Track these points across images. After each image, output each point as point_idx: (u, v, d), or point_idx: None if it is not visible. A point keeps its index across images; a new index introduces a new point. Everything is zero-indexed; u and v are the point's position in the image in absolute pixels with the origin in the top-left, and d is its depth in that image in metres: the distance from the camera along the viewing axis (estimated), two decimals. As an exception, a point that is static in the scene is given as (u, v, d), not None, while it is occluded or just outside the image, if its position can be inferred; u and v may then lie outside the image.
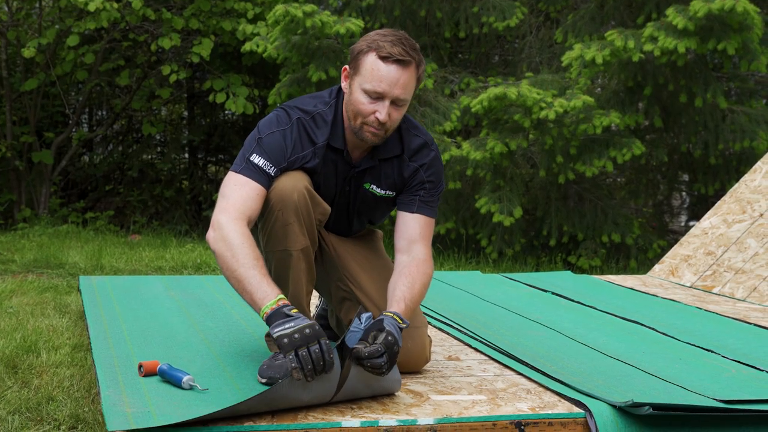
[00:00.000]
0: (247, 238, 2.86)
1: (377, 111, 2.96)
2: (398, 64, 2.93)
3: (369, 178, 3.19)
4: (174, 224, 9.89)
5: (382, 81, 2.93)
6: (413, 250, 3.17)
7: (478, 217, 7.82)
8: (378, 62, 2.93)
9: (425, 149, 3.21)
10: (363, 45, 2.98)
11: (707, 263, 5.46)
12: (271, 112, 3.13)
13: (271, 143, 3.02)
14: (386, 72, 2.92)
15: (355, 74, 3.00)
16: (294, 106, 3.12)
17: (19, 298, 5.20)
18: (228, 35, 9.31)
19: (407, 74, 2.95)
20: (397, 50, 2.92)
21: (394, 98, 2.96)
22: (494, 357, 3.50)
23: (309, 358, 2.61)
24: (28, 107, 9.70)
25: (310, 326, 2.65)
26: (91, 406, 3.27)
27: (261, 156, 3.00)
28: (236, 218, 2.90)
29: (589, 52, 7.07)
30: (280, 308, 2.72)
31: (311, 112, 3.10)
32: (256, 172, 2.99)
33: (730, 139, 7.52)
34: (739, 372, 3.39)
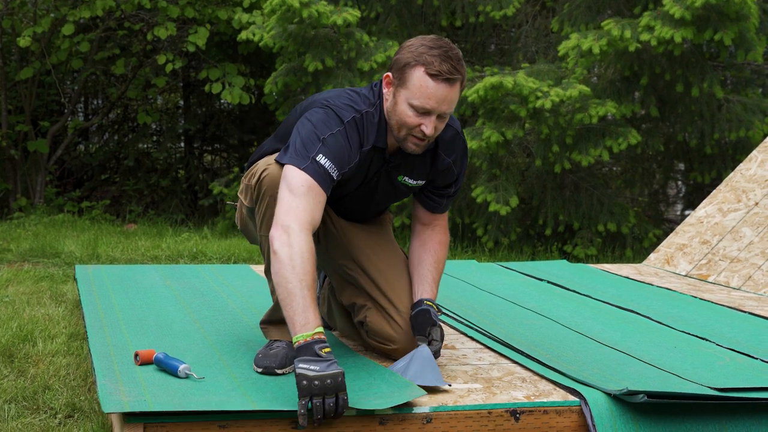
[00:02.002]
0: (311, 255, 2.77)
1: (423, 125, 2.92)
2: (447, 83, 2.88)
3: (402, 171, 3.16)
4: (170, 213, 9.89)
5: (431, 98, 2.89)
6: (435, 224, 3.32)
7: (474, 207, 7.83)
8: (427, 79, 2.87)
9: (457, 139, 3.19)
10: (409, 57, 2.91)
11: (702, 252, 5.47)
12: (315, 109, 3.00)
13: (336, 146, 2.92)
14: (434, 90, 2.88)
15: (400, 86, 2.93)
16: (345, 105, 3.02)
17: (15, 288, 5.20)
18: (224, 24, 9.29)
19: (455, 90, 2.92)
20: (446, 68, 2.87)
21: (440, 113, 2.93)
22: (490, 346, 3.51)
23: (321, 409, 2.56)
24: (24, 96, 9.69)
25: (333, 377, 2.58)
26: (87, 395, 3.27)
27: (327, 158, 2.89)
28: (307, 228, 2.81)
29: (586, 41, 7.07)
30: (313, 342, 2.65)
31: (360, 111, 3.01)
32: (322, 175, 2.88)
33: (726, 129, 7.52)
34: (733, 360, 3.40)
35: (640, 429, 2.75)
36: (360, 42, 7.79)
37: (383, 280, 3.26)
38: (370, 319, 3.24)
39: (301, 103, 3.20)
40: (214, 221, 9.17)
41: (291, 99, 8.42)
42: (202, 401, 2.68)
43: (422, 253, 3.29)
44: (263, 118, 10.61)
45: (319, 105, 3.03)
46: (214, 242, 7.46)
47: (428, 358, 3.00)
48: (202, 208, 10.04)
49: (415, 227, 3.36)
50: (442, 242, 3.33)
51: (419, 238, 3.32)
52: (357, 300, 3.31)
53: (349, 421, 2.64)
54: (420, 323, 3.14)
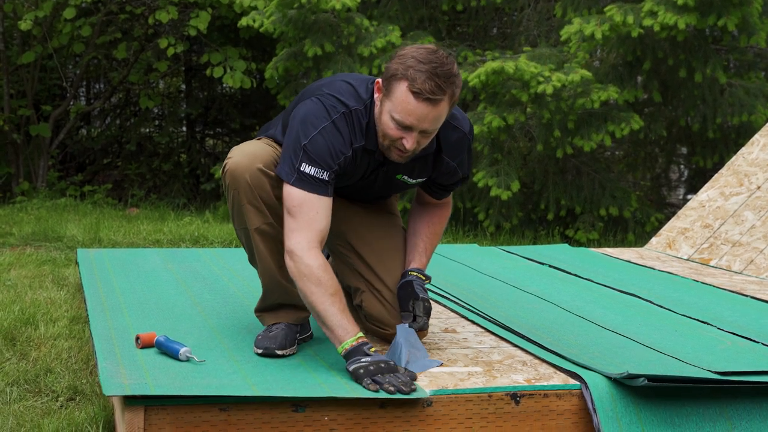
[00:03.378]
0: (323, 270, 2.84)
1: (405, 139, 2.87)
2: (429, 102, 2.79)
3: (402, 171, 3.12)
4: (172, 197, 9.89)
5: (410, 115, 2.82)
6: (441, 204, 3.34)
7: (476, 191, 7.82)
8: (409, 95, 2.79)
9: (464, 141, 3.13)
10: (398, 68, 2.83)
11: (704, 236, 5.47)
12: (307, 100, 2.99)
13: (317, 149, 2.89)
14: (415, 107, 2.80)
15: (386, 96, 2.87)
16: (333, 96, 2.97)
17: (17, 271, 5.21)
18: (225, 8, 9.26)
19: (437, 110, 2.83)
20: (429, 87, 2.77)
21: (422, 130, 2.86)
22: (490, 329, 3.51)
23: (385, 378, 2.71)
24: (26, 80, 9.67)
25: (385, 362, 2.75)
26: (88, 378, 3.28)
27: (311, 164, 2.88)
28: (309, 246, 2.85)
29: (588, 27, 7.04)
30: (360, 345, 2.79)
31: (349, 107, 2.96)
32: (312, 183, 2.89)
33: (728, 113, 7.51)
34: (734, 344, 3.40)
35: (640, 412, 2.75)
36: (360, 27, 7.76)
37: (377, 261, 3.23)
38: (366, 303, 3.24)
39: (305, 88, 3.17)
40: (216, 205, 9.17)
41: (292, 83, 8.41)
42: (203, 384, 2.68)
43: (419, 223, 3.29)
44: (265, 102, 10.59)
45: (311, 96, 3.00)
46: (216, 226, 7.46)
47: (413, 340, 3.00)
48: (203, 192, 10.04)
49: (420, 200, 3.35)
50: (442, 215, 3.33)
51: (420, 209, 3.33)
52: (352, 282, 3.30)
53: (350, 403, 2.64)
54: (402, 297, 3.14)
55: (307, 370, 2.90)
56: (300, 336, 3.20)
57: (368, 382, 2.70)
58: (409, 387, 2.67)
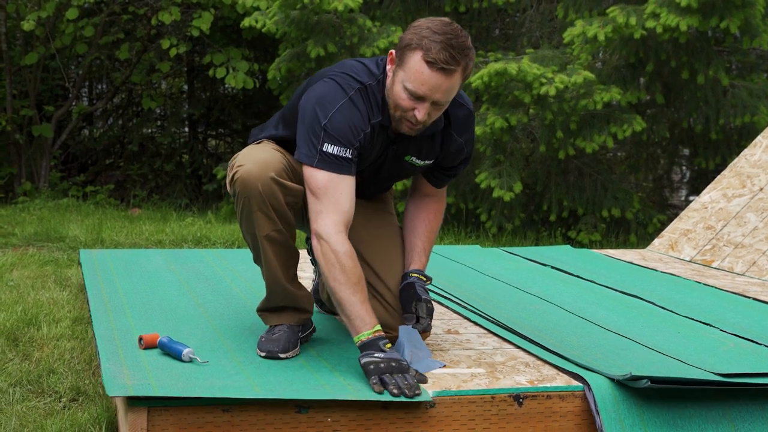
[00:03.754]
0: (348, 257, 2.84)
1: (416, 109, 2.86)
2: (443, 72, 2.79)
3: (411, 151, 3.11)
4: (174, 198, 9.90)
5: (424, 85, 2.81)
6: (435, 193, 3.31)
7: (478, 192, 7.82)
8: (423, 65, 2.79)
9: (470, 119, 3.15)
10: (412, 38, 2.83)
11: (707, 237, 5.47)
12: (317, 84, 2.97)
13: (338, 127, 2.88)
14: (428, 77, 2.80)
15: (399, 66, 2.87)
16: (346, 74, 2.97)
17: (19, 272, 5.21)
18: (228, 8, 9.27)
19: (451, 81, 2.83)
20: (443, 56, 2.77)
21: (434, 101, 2.86)
22: (493, 330, 3.51)
23: (395, 383, 2.69)
24: (28, 80, 9.68)
25: (396, 360, 2.74)
26: (91, 379, 3.29)
27: (333, 143, 2.87)
28: (337, 230, 2.86)
29: (591, 28, 7.04)
30: (375, 339, 2.79)
31: (364, 83, 2.95)
32: (335, 164, 2.88)
33: (731, 114, 7.51)
34: (737, 346, 3.40)
35: (643, 414, 2.75)
36: (363, 28, 7.77)
37: (378, 262, 3.21)
38: None
39: (308, 79, 3.14)
40: (218, 206, 9.17)
41: (294, 84, 8.41)
42: (205, 385, 2.68)
43: (416, 222, 3.27)
44: (267, 102, 10.60)
45: (321, 79, 2.99)
46: (218, 227, 7.46)
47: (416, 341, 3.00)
48: (206, 192, 10.05)
49: (414, 193, 3.33)
50: (438, 210, 3.31)
51: (416, 205, 3.31)
52: None
53: (353, 404, 2.64)
54: (405, 299, 3.13)
55: (310, 371, 2.90)
56: (302, 334, 3.20)
57: (375, 381, 2.70)
58: (412, 391, 2.66)
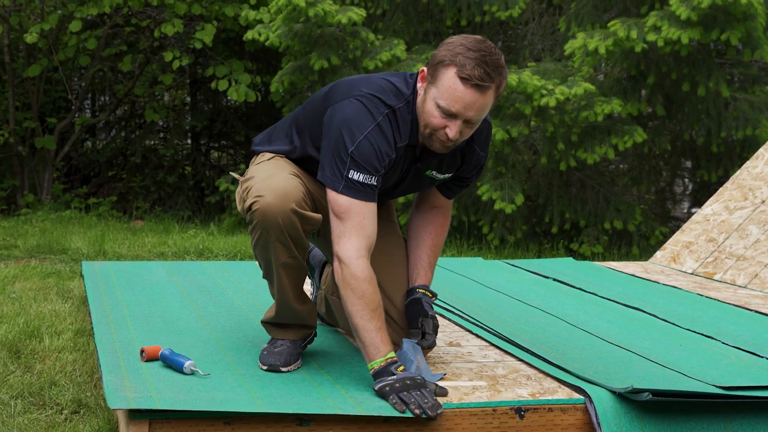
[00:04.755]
0: (368, 283, 2.85)
1: (448, 127, 2.83)
2: (477, 89, 2.76)
3: (432, 166, 3.08)
4: (176, 210, 9.90)
5: (457, 102, 2.78)
6: (442, 205, 3.29)
7: (480, 204, 7.82)
8: (457, 81, 2.76)
9: (490, 131, 3.15)
10: (446, 55, 2.80)
11: (709, 250, 5.47)
12: (344, 102, 2.92)
13: (364, 154, 2.85)
14: (463, 94, 2.77)
15: (431, 83, 2.84)
16: (374, 96, 2.91)
17: (22, 284, 5.22)
18: (230, 21, 9.29)
19: (485, 98, 2.80)
20: (478, 73, 2.74)
21: (467, 119, 2.83)
22: (495, 343, 3.52)
23: (411, 397, 2.69)
24: (31, 93, 9.70)
25: (411, 378, 2.74)
26: (93, 391, 3.28)
27: (359, 171, 2.85)
28: (358, 255, 2.86)
29: (592, 41, 7.05)
30: (387, 366, 2.79)
31: (392, 107, 2.91)
32: (360, 191, 2.87)
33: (732, 127, 7.52)
34: (739, 358, 3.40)
35: (645, 427, 2.75)
36: (366, 41, 7.79)
37: (382, 275, 3.16)
38: None
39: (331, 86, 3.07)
40: (221, 218, 9.18)
41: (297, 96, 8.42)
42: (207, 398, 2.69)
43: (422, 235, 3.25)
44: (270, 114, 10.61)
45: (348, 97, 2.93)
46: (221, 239, 7.47)
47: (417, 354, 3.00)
48: (208, 204, 10.05)
49: (421, 205, 3.30)
50: (444, 224, 3.30)
51: (422, 218, 3.28)
52: None
53: (355, 418, 2.64)
54: (411, 314, 3.13)
55: (312, 384, 2.91)
56: (303, 343, 3.22)
57: (395, 401, 2.69)
58: (435, 411, 2.65)
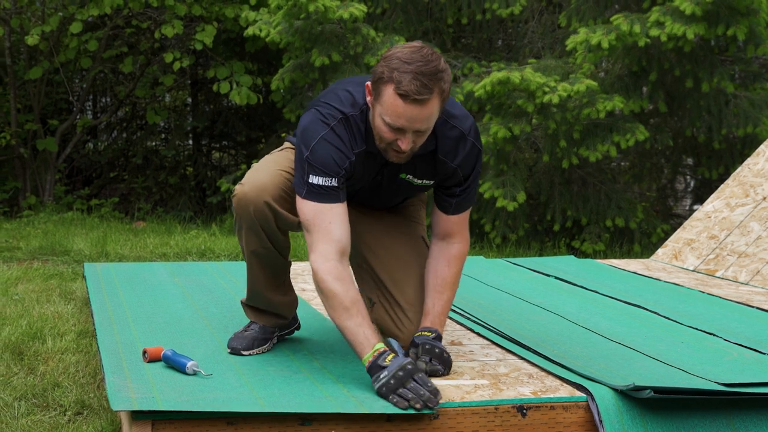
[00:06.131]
0: (337, 284, 2.87)
1: (399, 140, 2.86)
2: (417, 103, 2.78)
3: (404, 170, 3.09)
4: (178, 211, 9.91)
5: (400, 118, 2.81)
6: (449, 240, 3.22)
7: (482, 202, 7.83)
8: (396, 99, 2.78)
9: (462, 143, 3.06)
10: (384, 71, 2.81)
11: (710, 247, 5.47)
12: (307, 114, 3.00)
13: (320, 158, 2.91)
14: (404, 110, 2.79)
15: (376, 100, 2.87)
16: (329, 104, 2.98)
17: (24, 285, 5.22)
18: (231, 22, 9.30)
19: (428, 108, 2.81)
20: (414, 87, 2.75)
21: (416, 130, 2.85)
22: (497, 342, 3.52)
23: (413, 395, 2.69)
24: (32, 95, 9.72)
25: (402, 368, 2.74)
26: (96, 392, 3.29)
27: (317, 175, 2.91)
28: (325, 260, 2.89)
29: (595, 36, 7.04)
30: (376, 360, 2.80)
31: (345, 114, 2.96)
32: (322, 194, 2.92)
33: (733, 124, 7.51)
34: (741, 355, 3.40)
35: (647, 424, 2.75)
36: (367, 37, 7.79)
37: (388, 276, 3.23)
38: (377, 316, 3.23)
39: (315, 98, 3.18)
40: (223, 218, 9.19)
41: (298, 96, 8.43)
42: (210, 398, 2.69)
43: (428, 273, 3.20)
44: (271, 115, 10.62)
45: (310, 108, 3.03)
46: (222, 239, 7.47)
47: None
48: (210, 205, 10.06)
49: (433, 236, 3.26)
50: (449, 260, 3.20)
51: (432, 254, 3.23)
52: (366, 293, 3.29)
53: (357, 417, 2.65)
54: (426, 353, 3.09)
55: (314, 383, 2.91)
56: (279, 333, 3.39)
57: (395, 400, 2.69)
58: (434, 402, 2.67)
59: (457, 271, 3.22)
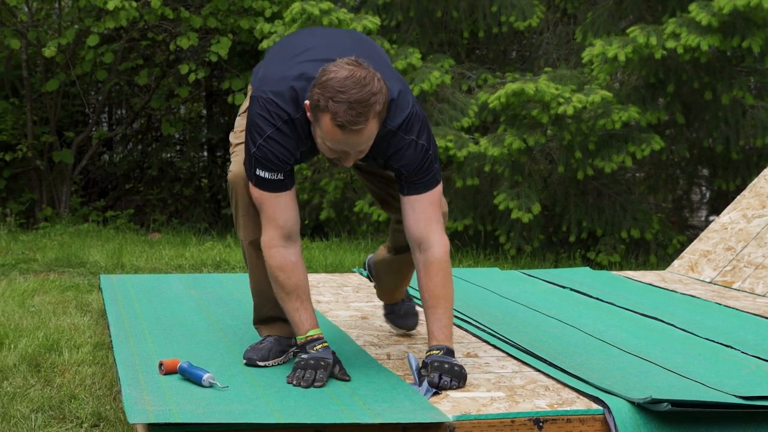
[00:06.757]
0: (280, 269, 3.10)
1: (343, 159, 2.98)
2: (353, 132, 2.86)
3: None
4: (193, 222, 9.93)
5: (340, 143, 2.91)
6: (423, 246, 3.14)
7: (497, 214, 7.81)
8: (334, 128, 2.86)
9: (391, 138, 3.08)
10: (319, 99, 2.86)
11: (727, 258, 5.44)
12: (256, 103, 3.05)
13: (265, 155, 3.04)
14: (342, 137, 2.88)
15: (315, 123, 2.94)
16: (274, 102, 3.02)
17: (41, 297, 5.24)
18: (246, 33, 9.34)
19: (366, 133, 2.89)
20: (350, 117, 2.82)
21: (358, 150, 2.95)
22: (513, 354, 3.51)
23: (300, 377, 3.01)
24: (49, 107, 9.77)
25: (317, 359, 3.04)
26: (112, 404, 3.30)
27: (263, 169, 3.06)
28: (270, 245, 3.11)
29: (611, 48, 7.02)
30: (305, 343, 3.09)
31: (291, 117, 3.02)
32: (268, 183, 3.07)
33: (750, 135, 7.48)
34: (758, 368, 3.38)
35: (664, 437, 2.74)
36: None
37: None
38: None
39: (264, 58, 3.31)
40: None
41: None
42: (226, 411, 2.69)
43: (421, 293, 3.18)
44: (286, 126, 10.63)
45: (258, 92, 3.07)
46: (238, 251, 7.48)
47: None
48: (225, 216, 10.08)
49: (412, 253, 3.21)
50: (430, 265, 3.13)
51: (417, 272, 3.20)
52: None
53: (372, 428, 2.65)
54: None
55: (330, 395, 2.91)
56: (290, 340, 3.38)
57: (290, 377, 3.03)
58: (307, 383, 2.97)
59: (442, 280, 3.13)
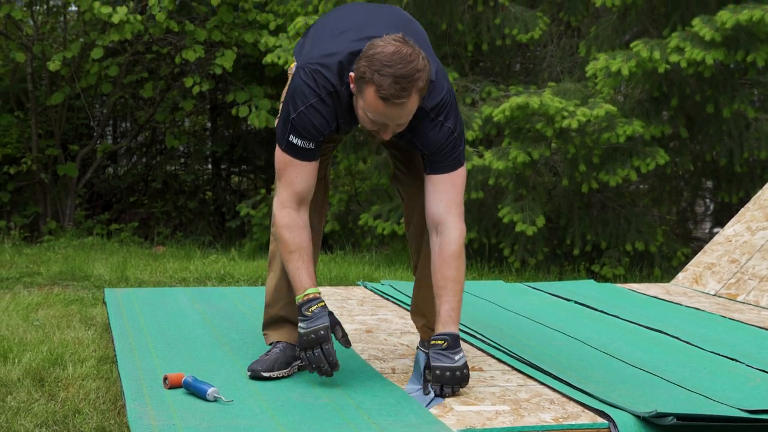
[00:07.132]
0: (287, 229, 3.15)
1: (381, 131, 3.06)
2: (396, 105, 2.95)
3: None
4: (198, 235, 9.94)
5: (381, 116, 2.99)
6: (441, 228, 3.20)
7: (501, 227, 7.81)
8: (378, 100, 2.94)
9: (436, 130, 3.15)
10: (366, 71, 2.95)
11: (731, 271, 5.44)
12: (303, 72, 3.10)
13: (303, 123, 3.10)
14: (384, 110, 2.96)
15: (358, 94, 3.02)
16: (321, 73, 3.08)
17: (45, 311, 5.24)
18: (250, 47, 9.36)
19: (407, 107, 2.98)
20: (394, 91, 2.91)
21: (397, 123, 3.03)
22: (517, 367, 3.51)
23: (313, 359, 3.07)
24: (53, 120, 9.79)
25: (315, 332, 3.07)
26: (117, 419, 3.29)
27: (297, 136, 3.12)
28: (282, 206, 3.17)
29: (615, 63, 7.03)
30: (302, 304, 3.11)
31: (335, 87, 3.09)
32: (298, 151, 3.14)
33: (754, 147, 7.48)
34: (763, 381, 3.38)
35: (669, 451, 2.73)
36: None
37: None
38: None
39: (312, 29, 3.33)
40: (242, 243, 9.21)
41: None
42: (231, 425, 2.69)
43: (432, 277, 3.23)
44: (290, 139, 10.64)
45: (306, 63, 3.12)
46: (242, 264, 7.48)
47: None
48: (229, 229, 10.09)
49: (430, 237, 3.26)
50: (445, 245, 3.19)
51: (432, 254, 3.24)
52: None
53: (377, 444, 2.65)
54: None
55: (335, 409, 2.91)
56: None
57: (304, 363, 3.11)
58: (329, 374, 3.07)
59: (455, 263, 3.18)
